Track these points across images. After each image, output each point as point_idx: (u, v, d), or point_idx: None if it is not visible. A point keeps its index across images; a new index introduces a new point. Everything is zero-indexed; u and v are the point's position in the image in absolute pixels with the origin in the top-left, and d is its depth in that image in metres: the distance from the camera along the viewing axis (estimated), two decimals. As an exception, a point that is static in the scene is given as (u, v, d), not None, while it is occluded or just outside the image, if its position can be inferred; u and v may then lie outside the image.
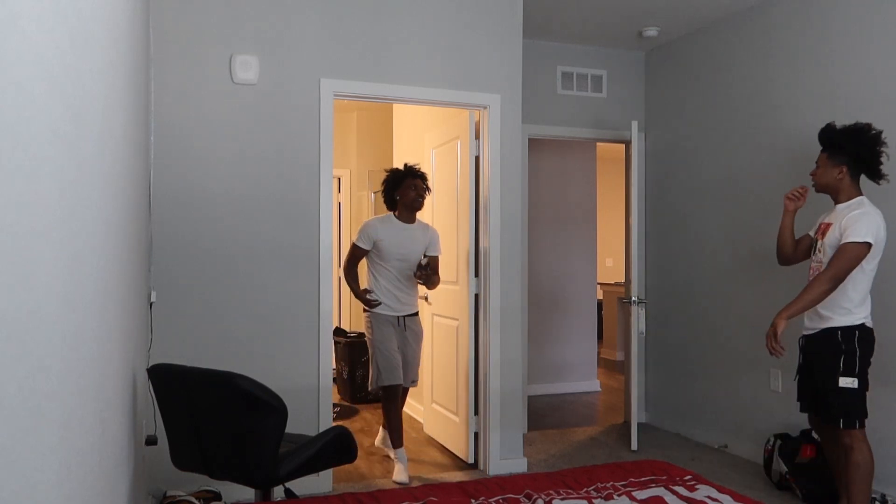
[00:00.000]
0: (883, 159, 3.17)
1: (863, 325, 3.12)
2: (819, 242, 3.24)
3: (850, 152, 3.15)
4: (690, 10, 4.68)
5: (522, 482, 2.44)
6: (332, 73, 3.91)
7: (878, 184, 3.24)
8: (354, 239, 4.23)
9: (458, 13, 4.17)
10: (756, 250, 4.51)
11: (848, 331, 3.10)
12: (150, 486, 3.41)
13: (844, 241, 3.04)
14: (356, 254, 4.24)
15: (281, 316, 3.80)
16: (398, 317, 4.21)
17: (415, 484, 3.89)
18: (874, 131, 3.16)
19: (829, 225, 3.20)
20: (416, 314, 4.35)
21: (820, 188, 3.27)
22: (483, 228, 4.28)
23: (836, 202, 3.23)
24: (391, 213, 4.28)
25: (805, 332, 3.30)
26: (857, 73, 3.86)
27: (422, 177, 4.24)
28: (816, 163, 3.29)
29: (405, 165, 4.29)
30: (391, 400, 4.19)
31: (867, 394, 3.15)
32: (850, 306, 3.10)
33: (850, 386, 3.07)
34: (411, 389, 6.09)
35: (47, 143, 0.88)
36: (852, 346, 3.09)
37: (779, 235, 3.48)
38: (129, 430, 2.19)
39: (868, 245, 3.03)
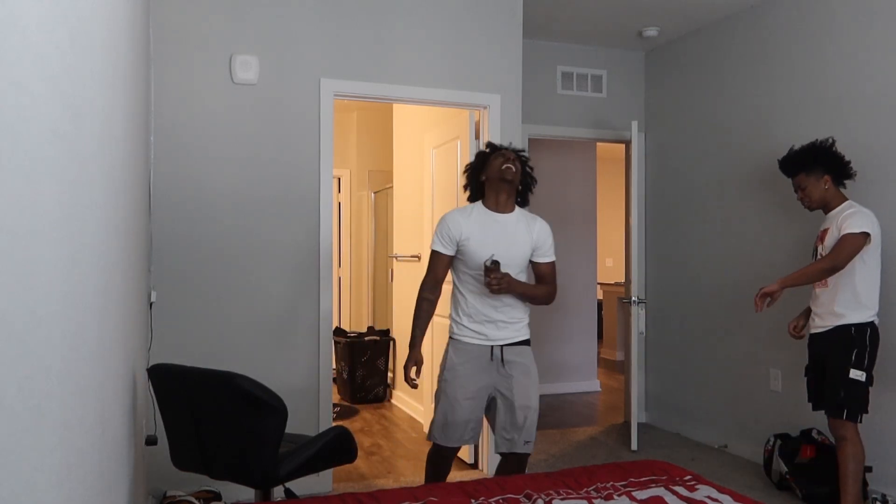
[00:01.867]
0: (848, 159, 3.39)
1: (872, 322, 3.23)
2: (820, 248, 3.36)
3: (824, 162, 3.36)
4: (690, 10, 4.68)
5: (522, 482, 2.44)
6: (332, 73, 3.91)
7: (852, 180, 3.41)
8: (431, 243, 3.01)
9: (458, 13, 4.17)
10: (756, 250, 4.50)
11: (861, 327, 3.21)
12: (150, 486, 3.41)
13: (843, 233, 3.18)
14: (437, 266, 2.97)
15: (281, 316, 3.80)
16: (492, 347, 2.94)
17: (415, 484, 3.89)
18: (829, 140, 3.41)
19: (826, 230, 3.34)
20: (525, 343, 3.03)
21: (814, 205, 3.41)
22: (483, 228, 4.27)
23: (828, 212, 3.39)
24: (478, 202, 3.08)
25: (814, 331, 3.38)
26: (857, 72, 3.85)
27: (514, 151, 3.04)
28: (798, 187, 3.44)
29: (489, 144, 3.16)
30: (436, 463, 3.05)
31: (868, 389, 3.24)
32: (862, 302, 3.22)
33: (859, 379, 3.17)
34: (415, 393, 6.02)
35: (47, 143, 0.88)
36: (864, 341, 3.21)
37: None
38: (129, 430, 2.19)
39: (865, 235, 3.17)
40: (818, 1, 4.10)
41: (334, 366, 6.33)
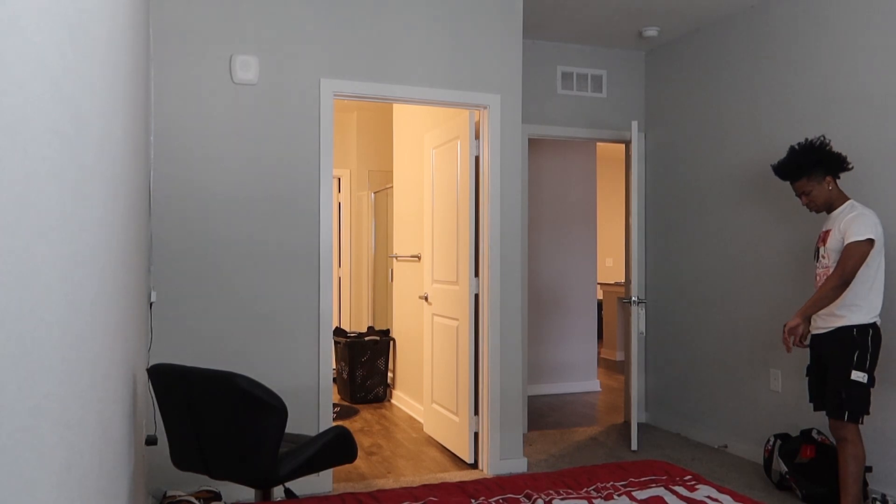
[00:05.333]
0: (844, 154, 3.39)
1: (874, 323, 3.22)
2: (822, 249, 3.35)
3: (825, 163, 3.33)
4: (690, 10, 4.68)
5: (522, 482, 2.44)
6: (332, 73, 3.91)
7: (848, 169, 3.39)
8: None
9: (458, 13, 4.17)
10: (756, 250, 4.51)
11: (863, 328, 3.20)
12: (150, 486, 3.41)
13: (847, 241, 3.17)
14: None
15: (281, 316, 3.80)
16: None
17: (415, 484, 3.89)
18: (821, 138, 3.40)
19: (828, 231, 3.32)
20: None
21: (820, 207, 3.39)
22: (483, 228, 4.28)
23: (830, 211, 3.38)
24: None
25: (816, 332, 3.37)
26: (858, 71, 3.86)
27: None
28: (802, 193, 3.40)
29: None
30: None
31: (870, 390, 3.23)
32: (863, 304, 3.20)
33: (860, 380, 3.16)
34: (415, 393, 6.07)
35: (47, 143, 0.88)
36: (866, 342, 3.19)
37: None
38: (129, 430, 2.19)
39: (870, 241, 3.16)
40: (818, 0, 4.10)
41: (334, 366, 6.35)
